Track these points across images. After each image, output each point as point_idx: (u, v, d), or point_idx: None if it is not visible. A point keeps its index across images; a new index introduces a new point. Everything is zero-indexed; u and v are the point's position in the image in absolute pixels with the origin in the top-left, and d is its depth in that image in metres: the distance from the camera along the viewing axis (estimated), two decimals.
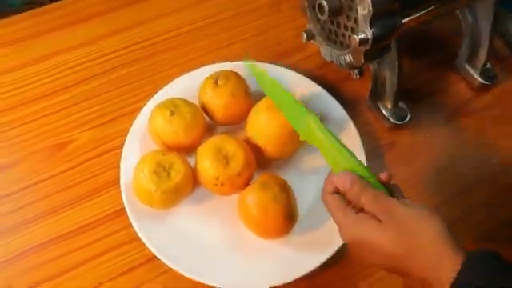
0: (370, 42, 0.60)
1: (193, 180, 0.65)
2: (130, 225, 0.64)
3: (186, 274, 0.61)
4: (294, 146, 0.67)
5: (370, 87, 0.76)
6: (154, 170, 0.62)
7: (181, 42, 0.84)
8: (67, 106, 0.76)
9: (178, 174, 0.62)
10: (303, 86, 0.75)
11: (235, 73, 0.70)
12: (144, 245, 0.62)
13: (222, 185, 0.63)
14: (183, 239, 0.64)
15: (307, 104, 0.67)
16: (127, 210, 0.64)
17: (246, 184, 0.64)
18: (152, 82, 0.78)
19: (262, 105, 0.67)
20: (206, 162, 0.63)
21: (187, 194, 0.65)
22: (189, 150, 0.67)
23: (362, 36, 0.60)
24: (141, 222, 0.64)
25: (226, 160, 0.63)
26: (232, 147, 0.64)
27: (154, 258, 0.62)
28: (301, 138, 0.60)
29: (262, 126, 0.65)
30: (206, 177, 0.63)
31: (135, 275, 0.63)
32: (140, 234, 0.63)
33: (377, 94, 0.76)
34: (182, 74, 0.76)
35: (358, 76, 0.69)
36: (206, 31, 0.85)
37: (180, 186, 0.63)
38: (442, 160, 0.72)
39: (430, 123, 0.78)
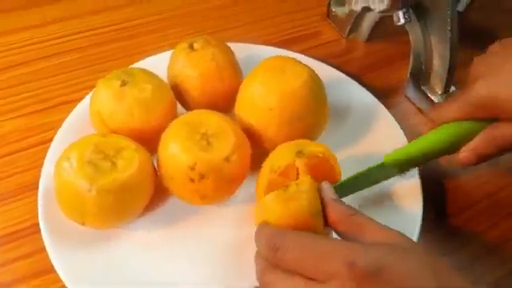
0: None
1: (154, 179, 0.41)
2: None
3: None
4: (308, 126, 0.44)
5: (409, 67, 0.55)
6: (89, 158, 0.38)
7: (169, 23, 0.66)
8: None
9: (129, 164, 0.39)
10: (320, 73, 0.54)
11: (218, 40, 0.49)
12: None
13: (200, 178, 0.39)
14: (129, 280, 0.39)
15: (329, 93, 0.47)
16: (41, 224, 0.40)
17: (240, 177, 0.41)
18: (111, 67, 0.58)
19: (257, 70, 0.45)
20: (174, 145, 0.39)
21: (143, 203, 0.41)
22: (148, 142, 0.43)
23: None
24: (60, 247, 0.40)
25: (205, 140, 0.39)
26: (214, 122, 0.41)
27: None
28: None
29: (259, 98, 0.43)
30: (176, 168, 0.39)
31: None
32: (57, 266, 0.38)
33: (420, 75, 0.54)
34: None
35: (402, 20, 0.48)
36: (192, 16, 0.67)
37: (132, 185, 0.39)
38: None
39: None
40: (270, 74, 0.43)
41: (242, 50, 0.53)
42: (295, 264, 0.31)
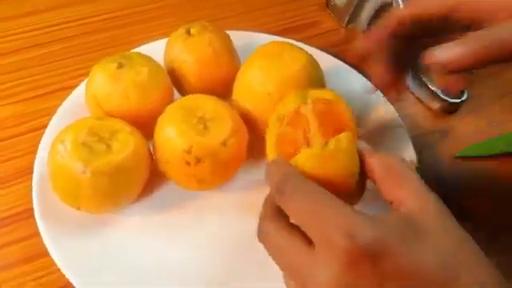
0: None
1: (149, 163, 0.41)
2: None
3: None
4: None
5: None
6: (83, 141, 0.38)
7: (163, 12, 0.65)
8: None
9: (124, 146, 0.38)
10: (319, 61, 0.53)
11: (215, 25, 0.49)
12: None
13: (197, 162, 0.38)
14: (125, 266, 0.39)
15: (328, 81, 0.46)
16: (35, 208, 0.39)
17: (237, 162, 0.40)
18: (105, 55, 0.54)
19: (254, 56, 0.44)
20: (170, 128, 0.39)
21: (138, 186, 0.41)
22: (144, 126, 0.42)
23: None
24: (55, 232, 0.39)
25: (202, 124, 0.39)
26: (211, 106, 0.40)
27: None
28: None
29: (258, 83, 0.42)
30: (172, 152, 0.39)
31: None
32: (51, 251, 0.38)
33: (420, 65, 0.54)
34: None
35: (402, 6, 0.48)
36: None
37: (127, 167, 0.38)
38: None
39: (495, 103, 0.56)
40: (267, 59, 0.42)
41: (239, 38, 0.52)
42: (297, 216, 0.28)
